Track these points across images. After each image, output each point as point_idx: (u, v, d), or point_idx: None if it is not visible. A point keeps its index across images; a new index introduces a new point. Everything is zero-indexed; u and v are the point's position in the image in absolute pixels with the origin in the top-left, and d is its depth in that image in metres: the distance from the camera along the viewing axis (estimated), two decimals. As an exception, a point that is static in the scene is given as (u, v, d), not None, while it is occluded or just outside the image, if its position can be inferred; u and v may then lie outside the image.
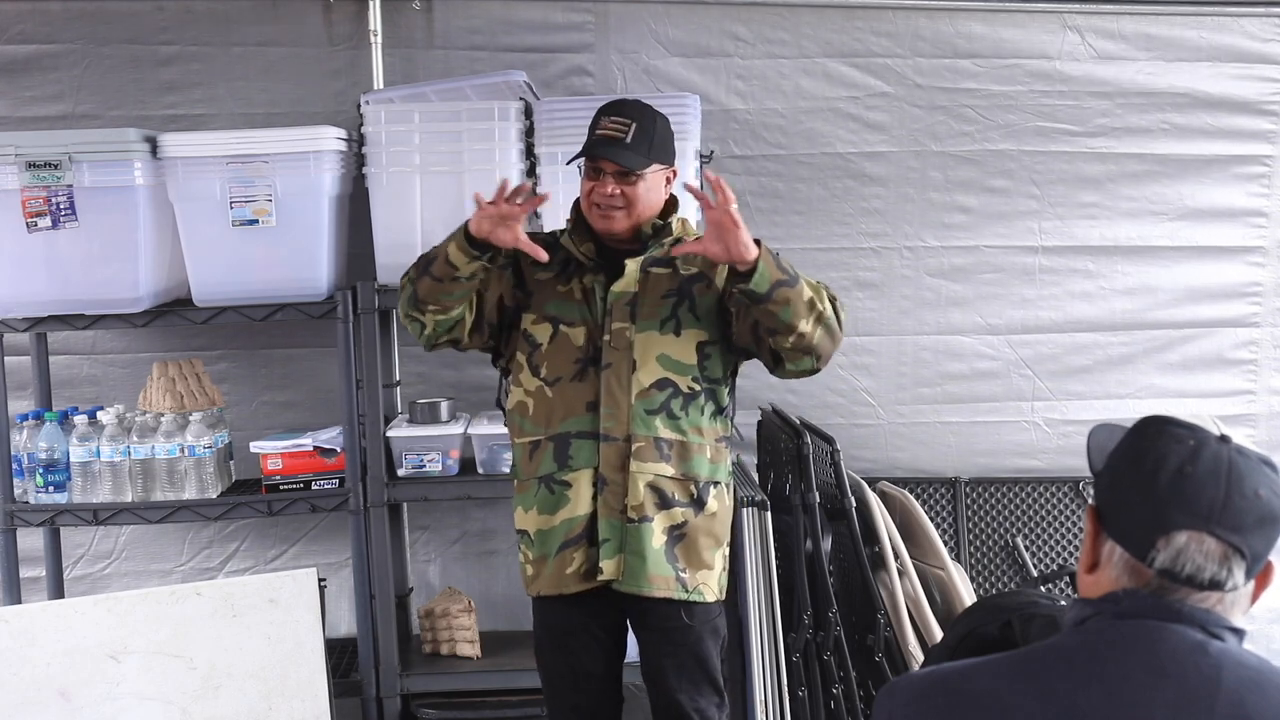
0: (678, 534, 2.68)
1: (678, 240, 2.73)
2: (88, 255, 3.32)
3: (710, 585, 2.73)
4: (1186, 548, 1.37)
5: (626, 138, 2.64)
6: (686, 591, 2.68)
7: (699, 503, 2.70)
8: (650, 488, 2.65)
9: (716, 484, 2.73)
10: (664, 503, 2.66)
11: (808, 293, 2.54)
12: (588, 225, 2.74)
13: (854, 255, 4.07)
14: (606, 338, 2.66)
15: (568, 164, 2.78)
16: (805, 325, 2.55)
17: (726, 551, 2.79)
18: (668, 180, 2.75)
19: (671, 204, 2.78)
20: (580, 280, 2.72)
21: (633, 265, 2.71)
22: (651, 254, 2.72)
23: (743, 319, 2.66)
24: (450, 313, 2.68)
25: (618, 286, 2.69)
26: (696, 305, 2.70)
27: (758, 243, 2.50)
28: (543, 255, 2.60)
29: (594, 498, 2.65)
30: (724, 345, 2.73)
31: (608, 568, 2.65)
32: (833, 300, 2.63)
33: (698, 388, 2.70)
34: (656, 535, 2.65)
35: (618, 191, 2.65)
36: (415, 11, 3.85)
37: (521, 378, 2.73)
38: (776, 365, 2.68)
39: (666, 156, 2.72)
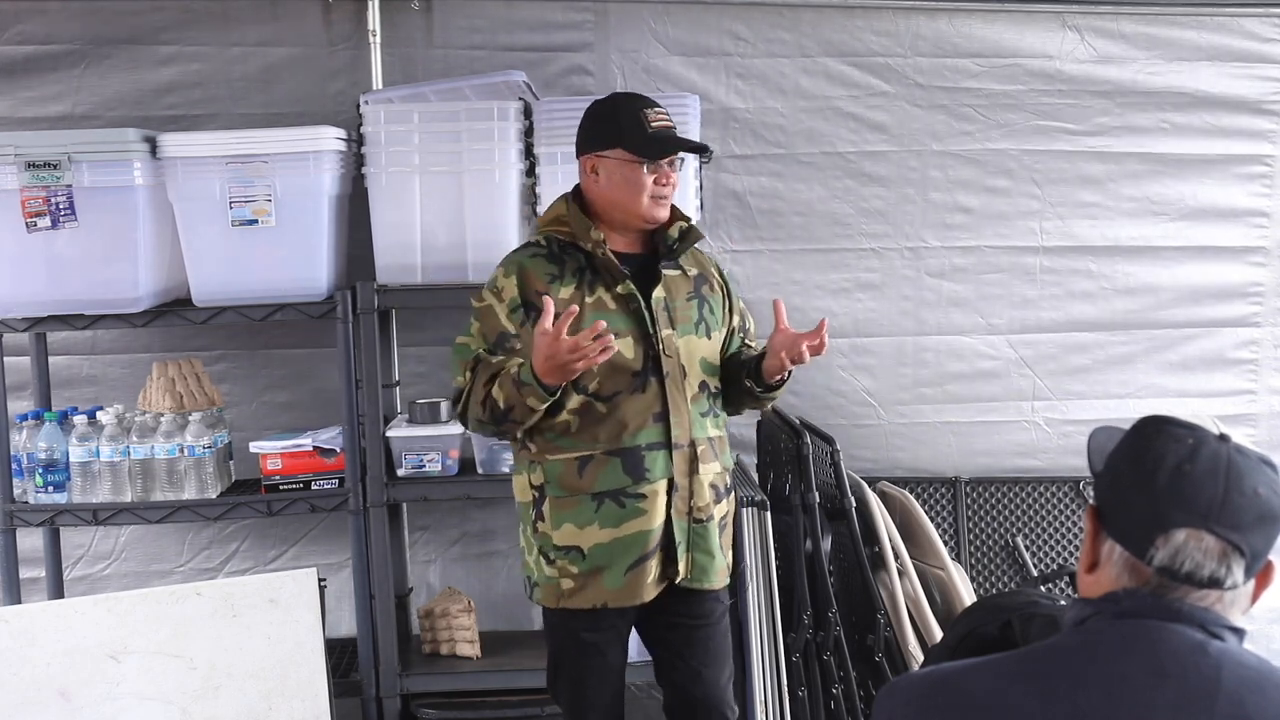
0: (724, 524, 2.77)
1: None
2: (87, 255, 3.32)
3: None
4: (1185, 545, 1.37)
5: (675, 127, 2.73)
6: (727, 579, 2.81)
7: (730, 491, 2.82)
8: (711, 487, 2.72)
9: (731, 471, 2.84)
10: (718, 498, 2.74)
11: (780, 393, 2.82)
12: (589, 226, 2.69)
13: (854, 255, 4.07)
14: (660, 346, 2.66)
15: (642, 158, 2.66)
16: (756, 408, 2.94)
17: None
18: None
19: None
20: (608, 290, 2.66)
21: (666, 270, 2.73)
22: (662, 258, 2.74)
23: (730, 370, 2.80)
24: None
25: (657, 292, 2.69)
26: (712, 307, 2.78)
27: None
28: (610, 346, 2.50)
29: (667, 505, 2.67)
30: (728, 345, 2.84)
31: (680, 568, 2.69)
32: None
33: (718, 385, 2.78)
34: (716, 530, 2.73)
35: (675, 180, 2.72)
36: (414, 11, 3.85)
37: (561, 398, 2.61)
38: (725, 404, 2.83)
39: None
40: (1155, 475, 1.39)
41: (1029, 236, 4.11)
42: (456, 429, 3.56)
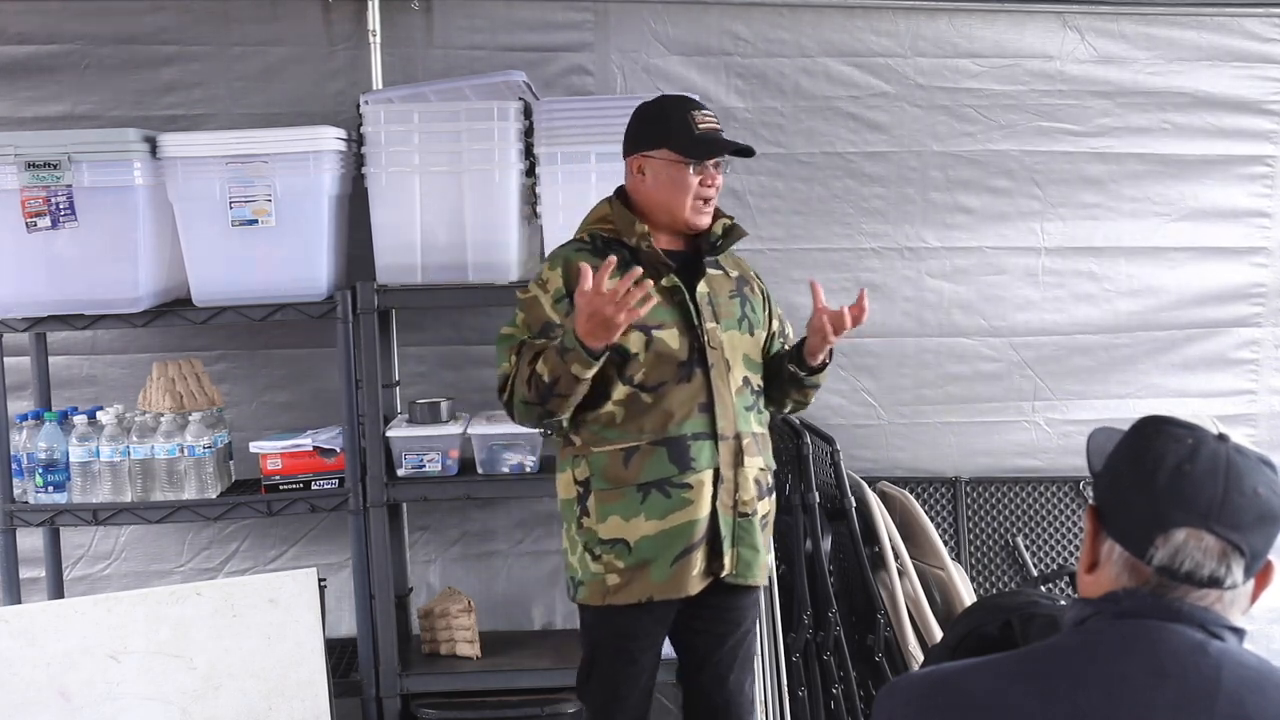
0: (765, 521, 2.79)
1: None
2: (87, 255, 3.32)
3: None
4: (1185, 545, 1.37)
5: (723, 129, 2.77)
6: (767, 578, 2.87)
7: (772, 490, 2.84)
8: (755, 481, 2.74)
9: (773, 471, 2.86)
10: (761, 494, 2.77)
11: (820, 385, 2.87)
12: (633, 223, 2.72)
13: (855, 256, 4.06)
14: (705, 338, 2.69)
15: (689, 159, 2.69)
16: (797, 405, 2.93)
17: None
18: None
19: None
20: (651, 282, 2.66)
21: (709, 266, 2.76)
22: (705, 255, 2.78)
23: (773, 366, 2.85)
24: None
25: (702, 287, 2.73)
26: (753, 306, 2.82)
27: None
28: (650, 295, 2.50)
29: (713, 497, 2.68)
30: (770, 347, 2.88)
31: (726, 563, 2.70)
32: None
33: (760, 383, 2.82)
34: (759, 526, 2.75)
35: (720, 182, 2.76)
36: (414, 11, 3.85)
37: (606, 388, 2.65)
38: (769, 402, 2.87)
39: None
40: (1155, 475, 1.39)
41: (1030, 237, 4.10)
42: (456, 429, 3.56)
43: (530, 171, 3.51)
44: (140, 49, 3.82)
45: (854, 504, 3.68)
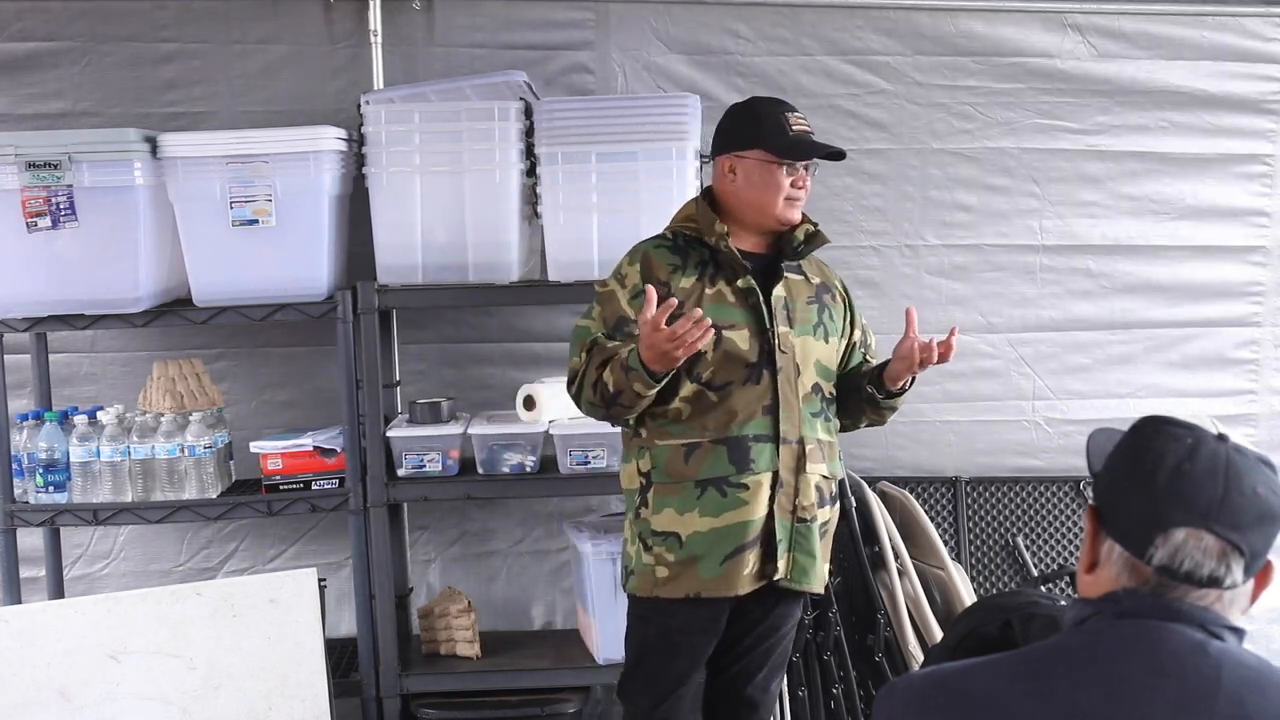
0: (824, 530, 2.80)
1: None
2: (87, 255, 3.32)
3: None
4: (1185, 545, 1.37)
5: (813, 132, 2.80)
6: (823, 586, 2.83)
7: (835, 500, 2.84)
8: (816, 488, 2.74)
9: (841, 482, 2.90)
10: (822, 501, 2.76)
11: (896, 409, 2.87)
12: (714, 222, 2.74)
13: (854, 253, 4.06)
14: (776, 341, 2.70)
15: (783, 160, 2.73)
16: (867, 424, 2.93)
17: None
18: None
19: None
20: (728, 283, 2.72)
21: (785, 270, 2.77)
22: (786, 258, 2.79)
23: (851, 381, 2.86)
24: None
25: (778, 290, 2.74)
26: (832, 314, 2.82)
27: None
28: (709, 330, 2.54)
29: (770, 500, 2.69)
30: (848, 356, 2.88)
31: (780, 566, 2.70)
32: None
33: (833, 391, 2.82)
34: (817, 533, 2.75)
35: (809, 184, 2.79)
36: (415, 10, 3.85)
37: (675, 384, 2.67)
38: (844, 416, 2.89)
39: None
40: (1154, 475, 1.39)
41: (1028, 235, 4.11)
42: (457, 429, 3.56)
43: (531, 171, 3.51)
44: (141, 47, 3.82)
45: (854, 504, 3.68)
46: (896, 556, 3.64)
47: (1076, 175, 4.08)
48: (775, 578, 2.70)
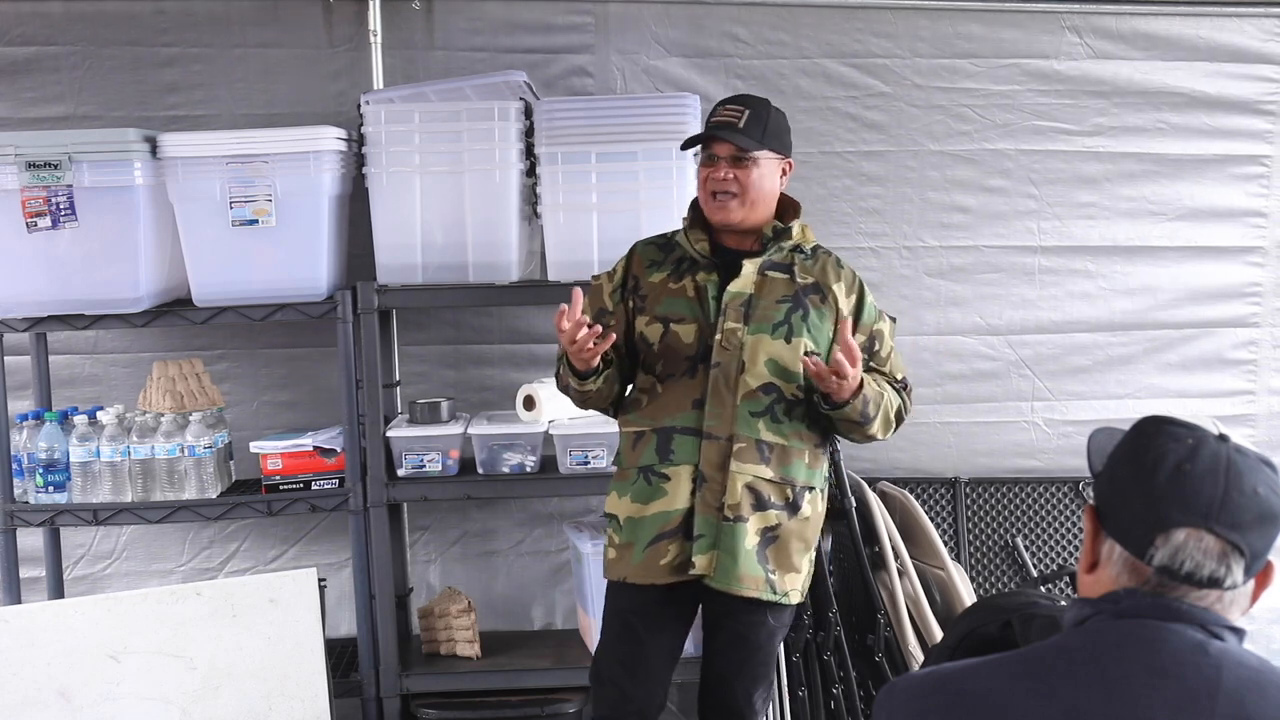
0: (770, 536, 2.72)
1: (797, 247, 2.81)
2: (87, 255, 3.32)
3: (797, 589, 2.79)
4: (1185, 545, 1.38)
5: (740, 122, 2.72)
6: (775, 594, 2.74)
7: (793, 506, 2.74)
8: (748, 488, 2.69)
9: (812, 489, 2.78)
10: (759, 504, 2.71)
11: (871, 430, 2.74)
12: (705, 222, 2.80)
13: (853, 255, 4.03)
14: (718, 337, 2.70)
15: (683, 149, 2.86)
16: (854, 438, 2.82)
17: (814, 555, 2.85)
18: (783, 173, 2.81)
19: (794, 208, 2.85)
20: (693, 278, 2.77)
21: (750, 266, 2.75)
22: (770, 256, 2.78)
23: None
24: (611, 395, 2.83)
25: (734, 286, 2.73)
26: (809, 315, 2.76)
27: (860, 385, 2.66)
28: (600, 343, 2.64)
29: (692, 494, 2.70)
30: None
31: (700, 563, 2.69)
32: (899, 414, 2.83)
33: (802, 395, 2.74)
34: (749, 536, 2.69)
35: (730, 176, 2.72)
36: (415, 12, 3.85)
37: (639, 375, 2.83)
38: (830, 427, 2.82)
39: (781, 146, 2.79)
40: (1155, 475, 1.39)
41: (1026, 236, 4.11)
42: (457, 429, 3.56)
43: (531, 171, 3.52)
44: (142, 50, 3.83)
45: (854, 504, 3.68)
46: (896, 556, 3.65)
47: (1074, 176, 4.09)
48: (693, 572, 2.69)
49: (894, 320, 2.95)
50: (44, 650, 3.11)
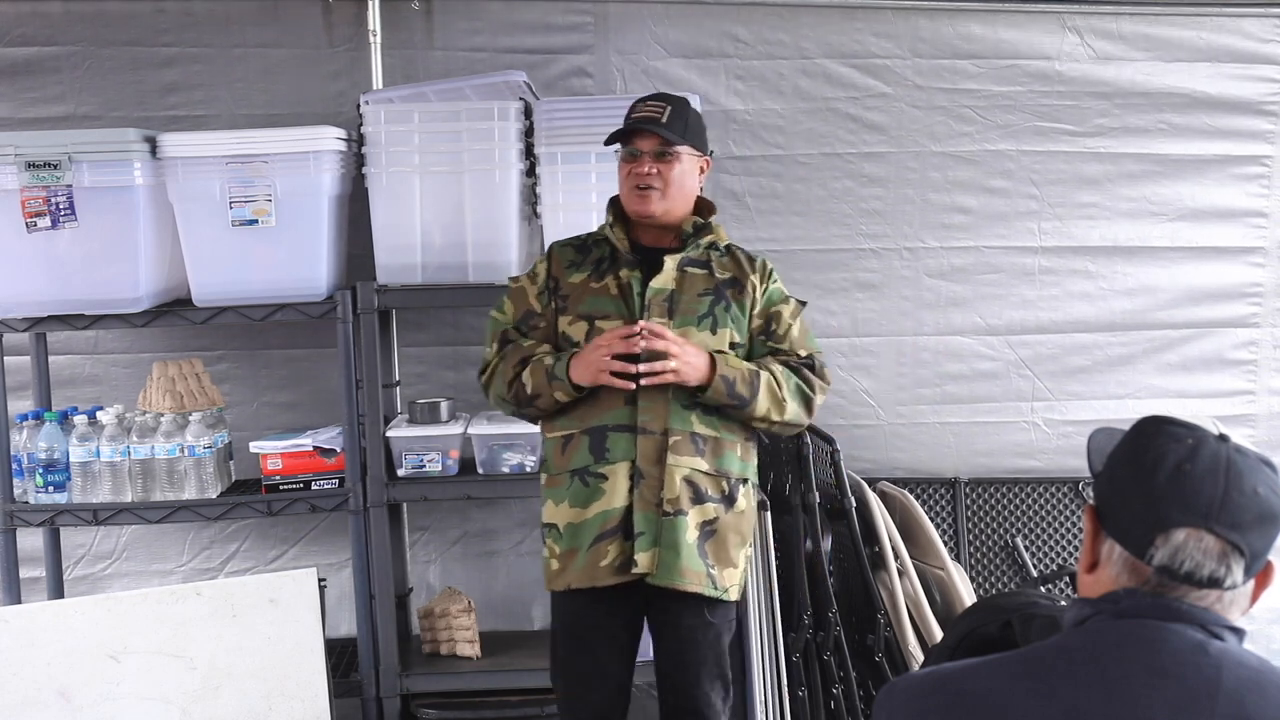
0: (709, 529, 2.72)
1: (713, 244, 2.83)
2: (87, 255, 3.32)
3: (735, 584, 2.79)
4: (1185, 545, 1.38)
5: (662, 117, 2.74)
6: (715, 589, 2.73)
7: (729, 499, 2.76)
8: (686, 482, 2.69)
9: (745, 481, 2.80)
10: (698, 497, 2.71)
11: (761, 410, 2.72)
12: (626, 221, 2.81)
13: (853, 256, 4.07)
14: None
15: (606, 144, 2.84)
16: (760, 424, 2.79)
17: (749, 551, 2.85)
18: (701, 170, 2.83)
19: (709, 208, 2.88)
20: (615, 276, 2.77)
21: (671, 262, 2.77)
22: (688, 253, 2.79)
23: None
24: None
25: (656, 282, 2.75)
26: (731, 308, 2.78)
27: (714, 366, 2.68)
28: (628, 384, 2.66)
29: (630, 491, 2.69)
30: (750, 351, 2.81)
31: (642, 561, 2.68)
32: (804, 390, 2.77)
33: None
34: (690, 529, 2.69)
35: (654, 170, 2.74)
36: (415, 12, 3.85)
37: None
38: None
39: (700, 143, 2.82)
40: (1155, 474, 1.39)
41: (1027, 237, 4.11)
42: (456, 429, 3.56)
43: (530, 171, 3.52)
44: (142, 50, 3.83)
45: (854, 504, 3.68)
46: (896, 556, 3.65)
47: (1075, 177, 4.09)
48: (635, 571, 2.67)
49: (803, 303, 2.91)
50: (44, 650, 3.10)
